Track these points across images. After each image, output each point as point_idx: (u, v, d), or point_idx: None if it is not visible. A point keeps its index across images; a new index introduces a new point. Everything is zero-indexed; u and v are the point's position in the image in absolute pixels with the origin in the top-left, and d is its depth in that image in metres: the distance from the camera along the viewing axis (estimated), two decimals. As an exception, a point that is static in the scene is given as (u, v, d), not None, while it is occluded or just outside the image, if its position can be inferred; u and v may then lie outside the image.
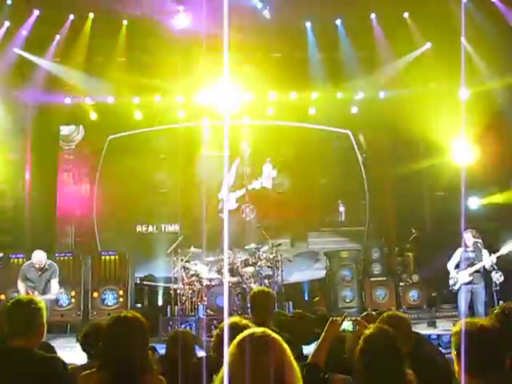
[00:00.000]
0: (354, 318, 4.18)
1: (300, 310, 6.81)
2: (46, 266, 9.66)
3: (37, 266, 9.60)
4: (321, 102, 14.29)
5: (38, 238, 13.39)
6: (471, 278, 9.71)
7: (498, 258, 9.62)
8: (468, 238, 9.85)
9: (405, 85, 13.48)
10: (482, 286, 9.74)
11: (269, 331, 2.22)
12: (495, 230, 11.66)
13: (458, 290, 9.83)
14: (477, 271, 9.74)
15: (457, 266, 9.95)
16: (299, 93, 14.17)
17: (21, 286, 9.56)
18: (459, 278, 9.78)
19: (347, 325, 4.06)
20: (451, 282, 9.93)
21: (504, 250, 9.56)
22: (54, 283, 9.64)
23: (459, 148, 12.93)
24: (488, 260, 9.60)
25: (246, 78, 13.63)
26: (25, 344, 3.30)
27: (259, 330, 2.24)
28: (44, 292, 9.47)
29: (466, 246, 9.86)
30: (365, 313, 5.34)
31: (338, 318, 4.01)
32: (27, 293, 9.24)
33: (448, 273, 10.09)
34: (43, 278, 9.58)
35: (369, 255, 13.19)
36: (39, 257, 9.64)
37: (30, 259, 10.34)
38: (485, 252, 9.76)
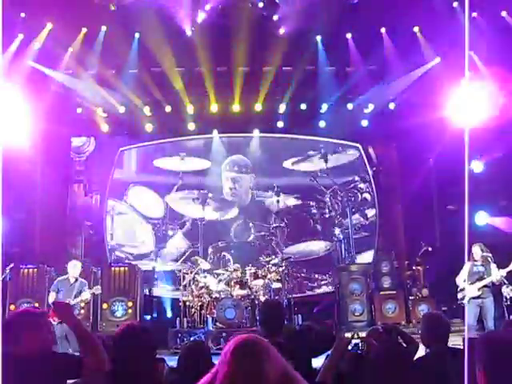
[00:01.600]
0: (361, 336, 4.13)
1: (308, 323, 6.80)
2: (78, 279, 10.23)
3: (70, 277, 10.15)
4: (331, 114, 14.33)
5: (49, 249, 13.46)
6: (480, 293, 9.62)
7: (508, 272, 9.55)
8: (476, 251, 9.78)
9: (414, 98, 13.50)
10: (490, 301, 9.65)
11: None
12: (506, 245, 11.60)
13: (467, 303, 9.74)
14: (486, 285, 9.66)
15: (465, 280, 9.87)
16: (309, 105, 14.21)
17: (51, 296, 10.02)
18: (467, 292, 9.70)
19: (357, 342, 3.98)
20: (459, 295, 9.84)
21: None
22: (85, 293, 10.12)
23: (468, 162, 12.91)
24: (497, 274, 9.53)
25: (257, 89, 13.75)
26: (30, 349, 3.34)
27: (249, 335, 2.31)
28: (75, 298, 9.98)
29: (475, 260, 9.78)
30: (370, 328, 5.34)
31: (348, 335, 3.98)
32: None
33: (457, 287, 10.02)
34: (74, 289, 10.04)
35: (378, 269, 13.15)
36: (73, 267, 10.27)
37: (39, 270, 11.61)
38: (494, 266, 9.67)
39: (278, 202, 14.05)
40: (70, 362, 3.37)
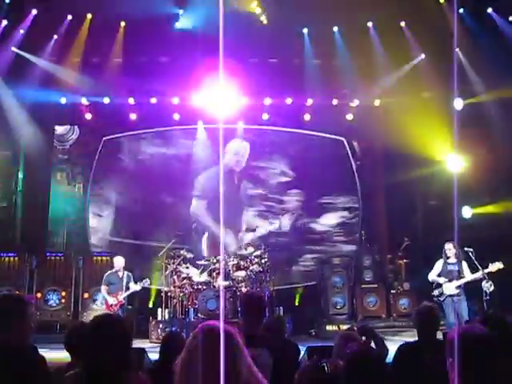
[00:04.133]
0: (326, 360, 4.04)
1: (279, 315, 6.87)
2: (125, 271, 10.79)
3: (118, 270, 10.74)
4: (316, 108, 14.33)
5: (30, 238, 13.37)
6: (458, 291, 9.72)
7: (488, 273, 9.63)
8: (449, 248, 9.83)
9: (399, 94, 13.54)
10: (464, 297, 9.75)
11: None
12: (487, 241, 11.70)
13: (443, 300, 9.82)
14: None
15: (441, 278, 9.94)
16: (295, 98, 14.19)
17: (103, 289, 10.72)
18: (445, 289, 9.77)
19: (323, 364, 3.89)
20: (436, 292, 9.87)
21: (493, 268, 9.53)
22: (132, 285, 10.69)
23: (452, 157, 13.00)
24: (479, 273, 9.57)
25: (242, 82, 13.68)
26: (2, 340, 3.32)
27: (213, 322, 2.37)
28: (128, 289, 10.67)
29: (448, 257, 9.86)
30: (347, 327, 5.46)
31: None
32: (111, 296, 10.56)
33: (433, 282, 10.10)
34: (123, 281, 10.59)
35: (361, 262, 13.23)
36: (118, 260, 10.85)
37: (20, 258, 11.91)
38: (464, 264, 9.77)
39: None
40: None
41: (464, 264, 9.75)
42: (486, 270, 9.55)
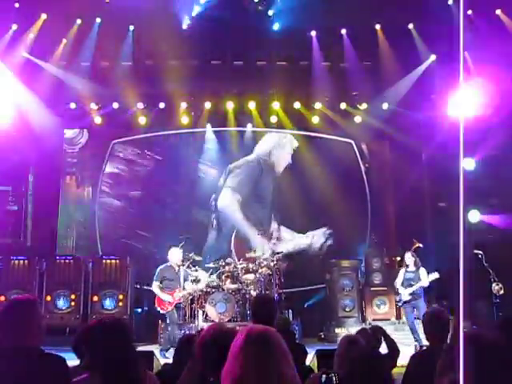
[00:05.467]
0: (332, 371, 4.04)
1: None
2: (181, 267, 10.55)
3: (173, 264, 10.38)
4: (324, 110, 14.32)
5: (40, 241, 13.43)
6: (411, 297, 10.33)
7: (431, 281, 10.34)
8: (408, 257, 10.57)
9: (407, 96, 13.52)
10: (422, 300, 10.39)
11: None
12: (495, 243, 11.67)
13: (402, 305, 10.61)
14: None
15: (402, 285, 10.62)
16: (303, 101, 14.18)
17: (154, 285, 10.35)
18: (402, 296, 10.46)
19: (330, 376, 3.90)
20: (397, 298, 10.74)
21: (430, 278, 10.29)
22: (189, 284, 10.46)
23: (461, 159, 12.94)
24: (426, 280, 10.31)
25: (250, 85, 13.71)
26: (25, 343, 3.31)
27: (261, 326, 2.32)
28: (184, 288, 10.38)
29: (407, 266, 10.54)
30: (360, 328, 5.47)
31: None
32: (165, 292, 10.21)
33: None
34: (180, 276, 10.31)
35: (370, 265, 13.18)
36: (174, 253, 10.52)
37: (30, 261, 11.78)
38: (423, 271, 10.44)
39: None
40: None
41: (422, 271, 10.49)
42: (432, 277, 10.31)
